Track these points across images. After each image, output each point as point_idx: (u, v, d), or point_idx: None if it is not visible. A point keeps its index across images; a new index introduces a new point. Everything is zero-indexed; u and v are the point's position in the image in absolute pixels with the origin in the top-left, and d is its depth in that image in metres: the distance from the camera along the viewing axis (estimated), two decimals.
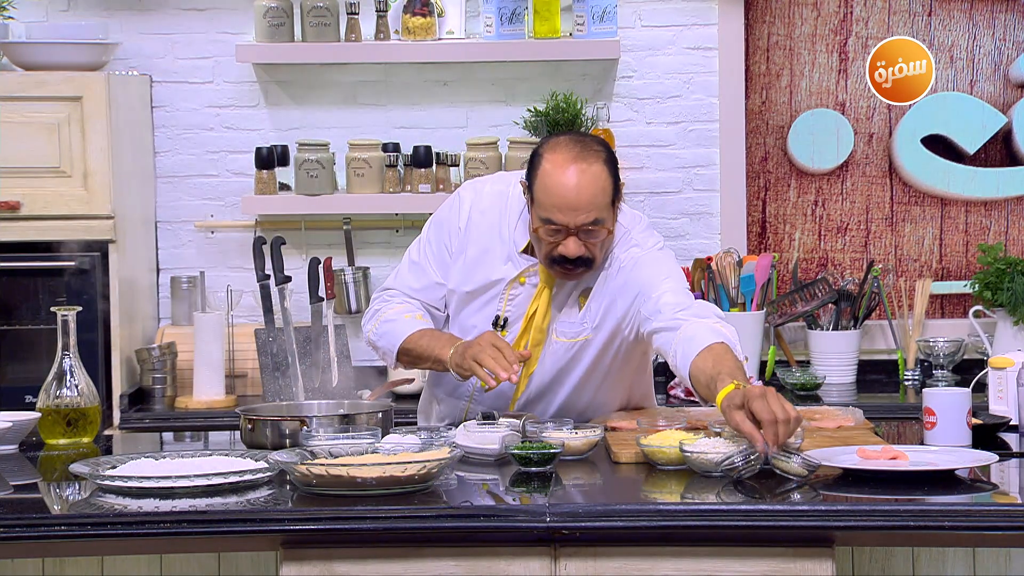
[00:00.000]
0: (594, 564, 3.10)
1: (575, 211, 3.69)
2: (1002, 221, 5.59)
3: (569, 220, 3.69)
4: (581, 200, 3.68)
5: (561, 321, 3.89)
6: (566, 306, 3.89)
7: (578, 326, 3.88)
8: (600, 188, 3.70)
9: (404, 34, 5.41)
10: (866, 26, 5.56)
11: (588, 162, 3.70)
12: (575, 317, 3.88)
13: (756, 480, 3.29)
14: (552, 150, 3.73)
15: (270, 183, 5.41)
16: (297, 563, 3.10)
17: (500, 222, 3.92)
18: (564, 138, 3.77)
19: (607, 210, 3.73)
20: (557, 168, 3.70)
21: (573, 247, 3.73)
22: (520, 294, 3.89)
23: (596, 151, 3.73)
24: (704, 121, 5.58)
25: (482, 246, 3.92)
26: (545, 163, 3.72)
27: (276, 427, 3.64)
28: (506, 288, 3.90)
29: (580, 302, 3.88)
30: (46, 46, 5.15)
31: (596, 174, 3.70)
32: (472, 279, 3.93)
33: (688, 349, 3.60)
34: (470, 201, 3.96)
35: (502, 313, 3.90)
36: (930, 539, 3.25)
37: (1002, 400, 3.89)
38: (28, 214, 5.06)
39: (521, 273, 3.89)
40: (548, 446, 3.43)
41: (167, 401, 5.22)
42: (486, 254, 3.92)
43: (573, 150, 3.71)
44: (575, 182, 3.68)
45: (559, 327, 3.89)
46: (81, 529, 3.10)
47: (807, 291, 5.43)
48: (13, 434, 3.81)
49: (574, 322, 3.88)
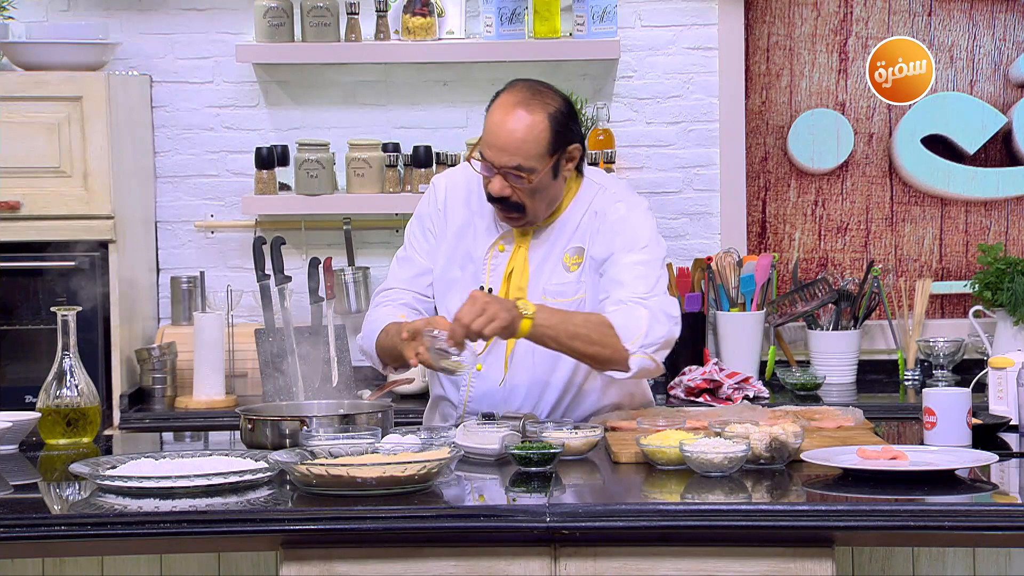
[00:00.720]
0: (594, 564, 3.10)
1: (500, 151, 3.77)
2: (1002, 221, 5.59)
3: (494, 158, 3.79)
4: (509, 142, 3.76)
5: (549, 281, 3.91)
6: (549, 265, 3.91)
7: (574, 285, 3.90)
8: (532, 136, 3.76)
9: (404, 34, 5.41)
10: (866, 26, 5.56)
11: (529, 109, 3.78)
12: (568, 277, 3.91)
13: (756, 480, 3.30)
14: (507, 90, 3.84)
15: (270, 183, 5.41)
16: (297, 563, 3.10)
17: (476, 198, 3.97)
18: (521, 83, 3.87)
19: (538, 160, 3.78)
20: (499, 107, 3.80)
21: (496, 186, 3.81)
22: (501, 261, 3.94)
23: (544, 103, 3.80)
24: (704, 121, 5.58)
25: (461, 221, 3.97)
26: (496, 100, 3.83)
27: (276, 427, 3.64)
28: (487, 257, 3.94)
29: (569, 262, 3.90)
30: (46, 46, 5.15)
31: (533, 123, 3.77)
32: (456, 256, 3.97)
33: None
34: (443, 184, 4.04)
35: (486, 284, 3.93)
36: (930, 539, 3.25)
37: (1002, 400, 3.89)
38: (28, 214, 5.06)
39: (499, 239, 3.94)
40: (548, 446, 3.43)
41: (167, 401, 5.22)
42: (467, 227, 3.97)
43: (522, 94, 3.81)
44: (508, 124, 3.77)
45: (548, 287, 3.90)
46: (81, 529, 3.10)
47: (807, 291, 5.43)
48: (13, 434, 3.81)
49: (568, 282, 3.90)
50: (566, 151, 3.84)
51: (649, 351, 3.78)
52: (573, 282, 3.91)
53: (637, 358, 3.77)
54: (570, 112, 3.85)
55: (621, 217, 3.92)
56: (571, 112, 3.85)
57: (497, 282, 3.93)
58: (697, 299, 5.43)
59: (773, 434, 3.39)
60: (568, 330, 3.72)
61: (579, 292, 3.91)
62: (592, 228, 3.92)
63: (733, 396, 5.10)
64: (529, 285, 3.91)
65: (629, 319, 3.76)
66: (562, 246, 3.93)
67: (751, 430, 3.42)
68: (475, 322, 3.60)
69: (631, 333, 3.75)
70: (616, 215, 3.91)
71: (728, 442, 3.35)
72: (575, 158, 3.87)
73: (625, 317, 3.76)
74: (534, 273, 3.92)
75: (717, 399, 5.11)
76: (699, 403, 5.04)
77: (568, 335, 3.72)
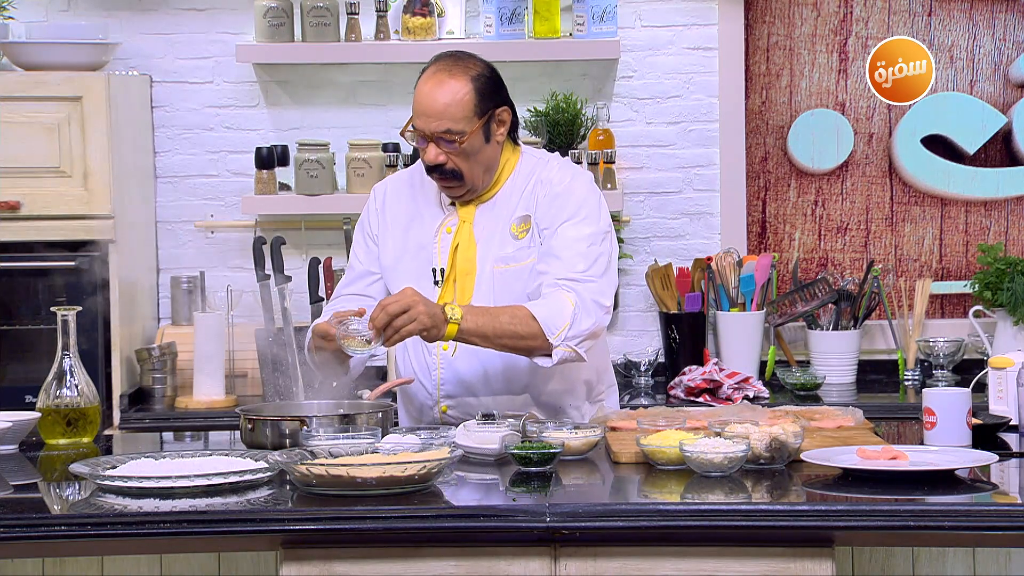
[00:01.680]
0: (594, 564, 3.10)
1: (428, 117, 3.88)
2: (1002, 221, 5.59)
3: (424, 126, 3.89)
4: (434, 108, 3.88)
5: (500, 252, 3.97)
6: (497, 237, 3.98)
7: (525, 251, 3.96)
8: (456, 100, 3.87)
9: (404, 34, 5.41)
10: (866, 26, 5.56)
11: (452, 74, 3.90)
12: (517, 244, 3.97)
13: (756, 480, 3.30)
14: (430, 64, 3.96)
15: (270, 183, 5.41)
16: (297, 563, 3.10)
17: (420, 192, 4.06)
18: (445, 53, 3.99)
19: (464, 123, 3.89)
20: (424, 79, 3.93)
21: (431, 154, 3.90)
22: (448, 241, 4.00)
23: (466, 67, 3.92)
24: (704, 121, 5.58)
25: (407, 216, 4.07)
26: (421, 74, 3.95)
27: (276, 427, 3.64)
28: (436, 240, 4.01)
29: (517, 231, 3.98)
30: (46, 46, 5.15)
31: (455, 88, 3.88)
32: (407, 247, 4.04)
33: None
34: (382, 189, 4.16)
35: (437, 265, 3.99)
36: (930, 539, 3.25)
37: (1002, 400, 3.89)
38: (28, 214, 5.06)
39: (445, 221, 4.02)
40: (548, 446, 3.43)
41: (167, 401, 5.22)
42: (413, 219, 4.05)
43: (444, 63, 3.93)
44: (431, 91, 3.89)
45: (499, 256, 3.97)
46: (81, 529, 3.10)
47: (807, 291, 5.43)
48: (13, 434, 3.81)
49: (519, 248, 3.97)
50: (495, 114, 3.95)
51: (572, 343, 3.84)
52: (525, 247, 3.97)
53: (560, 350, 3.83)
54: (493, 76, 3.97)
55: (566, 187, 3.98)
56: (495, 77, 3.97)
57: (445, 260, 3.99)
58: (697, 299, 5.44)
59: (773, 434, 3.39)
60: (495, 329, 3.80)
61: (530, 256, 3.96)
62: (538, 196, 3.99)
63: (733, 396, 5.10)
64: (477, 257, 3.98)
65: (553, 311, 3.82)
66: (507, 216, 4.00)
67: (751, 430, 3.42)
68: (397, 319, 3.69)
69: (555, 326, 3.81)
70: (561, 185, 3.99)
71: (728, 442, 3.35)
72: (505, 121, 3.97)
73: (550, 309, 3.83)
74: (482, 246, 3.98)
75: (717, 399, 5.11)
76: (699, 403, 5.05)
77: (495, 334, 3.80)
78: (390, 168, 5.38)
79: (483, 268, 3.97)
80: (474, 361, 3.97)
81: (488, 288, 3.97)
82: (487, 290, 3.97)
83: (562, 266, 3.89)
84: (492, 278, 3.97)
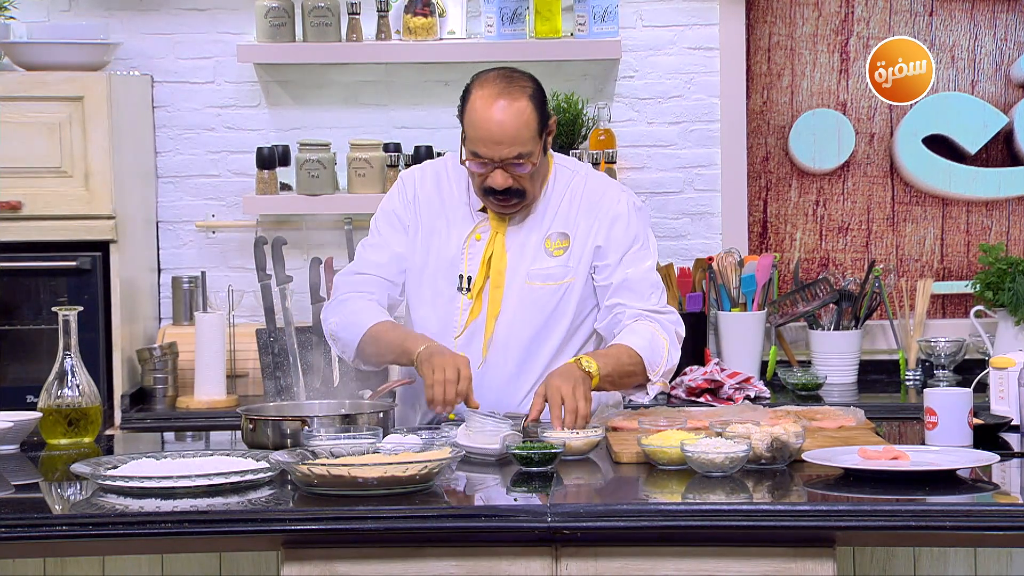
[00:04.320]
0: (595, 564, 3.10)
1: (499, 145, 3.83)
2: (1003, 221, 5.59)
3: (494, 153, 3.84)
4: (505, 135, 3.83)
5: (532, 266, 3.96)
6: (529, 250, 3.97)
7: (562, 269, 3.96)
8: (523, 123, 3.84)
9: (405, 34, 5.42)
10: (867, 26, 5.56)
11: (513, 97, 3.84)
12: (553, 262, 3.97)
13: (758, 480, 3.30)
14: (480, 86, 3.89)
15: (271, 183, 5.41)
16: (298, 563, 3.10)
17: (447, 191, 4.03)
18: (492, 73, 3.91)
19: (532, 143, 3.86)
20: (483, 103, 3.85)
21: (499, 179, 3.87)
22: (478, 249, 3.98)
23: (522, 87, 3.88)
24: (705, 121, 5.58)
25: (435, 214, 4.03)
26: (473, 98, 3.87)
27: (277, 427, 3.64)
28: (464, 246, 3.98)
29: (552, 247, 3.97)
30: (47, 46, 5.15)
31: (520, 109, 3.84)
32: (432, 247, 4.01)
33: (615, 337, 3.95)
34: (413, 178, 4.10)
35: (464, 272, 3.98)
36: (931, 539, 3.25)
37: (1003, 400, 3.89)
38: (29, 214, 5.06)
39: (476, 228, 3.99)
40: (549, 446, 3.43)
41: (168, 401, 5.22)
42: (440, 220, 4.02)
43: (499, 85, 3.86)
44: (499, 117, 3.83)
45: (532, 271, 3.96)
46: (82, 529, 3.10)
47: (808, 291, 5.43)
48: (14, 434, 3.81)
49: (554, 267, 3.96)
50: (548, 126, 3.94)
51: (665, 379, 3.96)
52: (560, 267, 3.97)
53: (655, 386, 3.95)
54: (540, 88, 3.95)
55: (622, 214, 4.00)
56: (541, 88, 3.96)
57: (475, 269, 3.97)
58: (698, 299, 5.43)
59: (774, 434, 3.39)
60: (618, 371, 3.85)
61: (567, 276, 3.98)
62: (573, 213, 3.99)
63: (734, 396, 5.10)
64: (508, 269, 3.97)
65: (654, 348, 3.90)
66: (542, 231, 3.99)
67: (752, 430, 3.42)
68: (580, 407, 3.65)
69: (655, 364, 3.91)
70: (616, 210, 4.00)
71: (729, 442, 3.35)
72: (553, 131, 3.98)
73: (651, 346, 3.90)
74: (513, 258, 3.97)
75: (718, 399, 5.11)
76: (700, 403, 5.04)
77: (618, 375, 3.85)
78: (391, 168, 5.38)
79: (512, 281, 3.96)
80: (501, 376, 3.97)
81: (517, 302, 3.96)
82: (516, 304, 3.96)
83: (641, 299, 3.96)
84: (521, 292, 3.96)
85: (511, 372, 3.97)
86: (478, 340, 3.97)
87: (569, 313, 3.98)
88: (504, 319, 3.96)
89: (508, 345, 3.97)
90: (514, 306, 3.96)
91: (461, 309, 3.98)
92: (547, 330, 3.98)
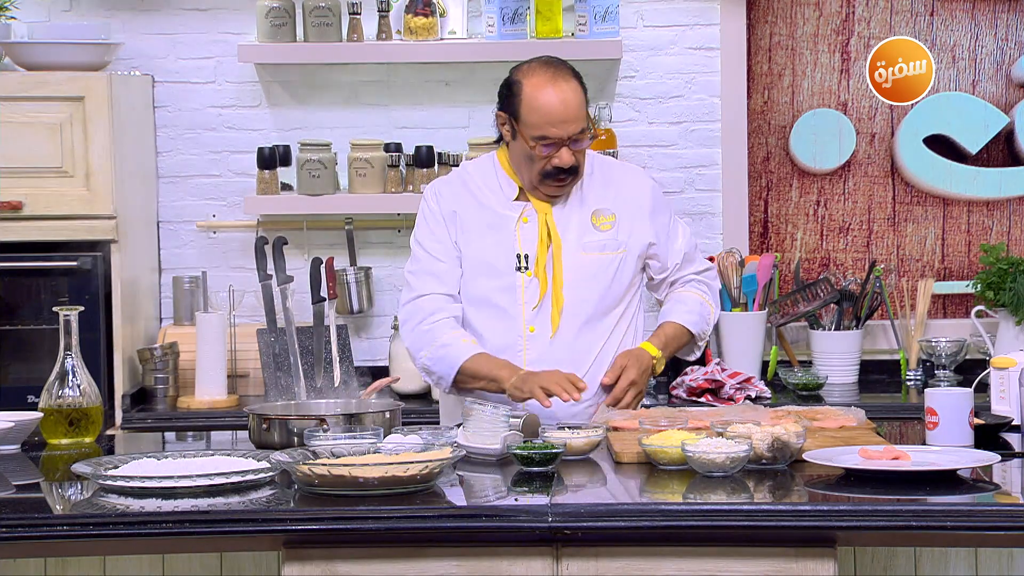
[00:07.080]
0: (596, 564, 3.10)
1: (566, 123, 4.06)
2: (1004, 221, 5.59)
3: (563, 132, 4.07)
4: (570, 112, 4.07)
5: (583, 239, 4.19)
6: (577, 226, 4.19)
7: (614, 241, 4.20)
8: (581, 99, 4.11)
9: (406, 34, 5.41)
10: (868, 26, 5.56)
11: (566, 78, 4.10)
12: (602, 235, 4.20)
13: (758, 480, 3.30)
14: (531, 74, 4.11)
15: (272, 183, 5.41)
16: (299, 563, 3.10)
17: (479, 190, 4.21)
18: (535, 63, 4.15)
19: (587, 118, 4.14)
20: (542, 89, 4.08)
21: (567, 156, 4.09)
22: (530, 228, 4.17)
23: (568, 68, 4.14)
24: (706, 121, 5.58)
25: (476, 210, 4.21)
26: (528, 87, 4.09)
27: (285, 427, 3.65)
28: (516, 228, 4.17)
29: (598, 222, 4.20)
30: (48, 46, 5.15)
31: (575, 87, 4.11)
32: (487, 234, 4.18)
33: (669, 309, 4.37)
34: (436, 191, 4.28)
35: (520, 251, 4.15)
36: (932, 539, 3.25)
37: (1004, 400, 3.89)
38: (30, 214, 5.07)
39: (521, 213, 4.18)
40: (550, 446, 3.43)
41: (169, 401, 5.22)
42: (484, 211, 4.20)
43: (550, 69, 4.11)
44: (563, 97, 4.07)
45: (586, 243, 4.19)
46: (83, 529, 3.10)
47: (809, 291, 5.43)
48: (15, 434, 3.81)
49: (605, 239, 4.20)
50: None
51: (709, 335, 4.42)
52: (612, 239, 4.19)
53: (702, 342, 4.39)
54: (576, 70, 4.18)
55: (649, 188, 4.29)
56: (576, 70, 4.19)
57: (532, 246, 4.14)
58: None
59: (775, 434, 3.39)
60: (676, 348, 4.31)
61: (620, 248, 4.20)
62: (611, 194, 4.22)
63: (735, 396, 5.10)
64: (564, 243, 4.16)
65: (703, 317, 4.33)
66: (586, 209, 4.20)
67: (753, 430, 3.42)
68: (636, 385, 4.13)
69: (703, 329, 4.34)
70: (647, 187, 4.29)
71: (730, 442, 3.35)
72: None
73: (700, 316, 4.32)
74: (564, 233, 4.17)
75: (719, 399, 5.11)
76: (701, 403, 5.04)
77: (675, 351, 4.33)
78: (392, 168, 5.38)
79: (569, 254, 4.16)
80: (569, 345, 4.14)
81: (576, 274, 4.15)
82: (577, 274, 4.15)
83: (693, 264, 4.36)
84: (580, 262, 4.16)
85: (580, 341, 4.15)
86: (546, 310, 4.14)
87: (625, 282, 4.21)
88: (569, 289, 4.14)
89: (576, 313, 4.15)
90: (576, 277, 4.16)
91: (523, 287, 4.15)
92: (610, 297, 4.19)
